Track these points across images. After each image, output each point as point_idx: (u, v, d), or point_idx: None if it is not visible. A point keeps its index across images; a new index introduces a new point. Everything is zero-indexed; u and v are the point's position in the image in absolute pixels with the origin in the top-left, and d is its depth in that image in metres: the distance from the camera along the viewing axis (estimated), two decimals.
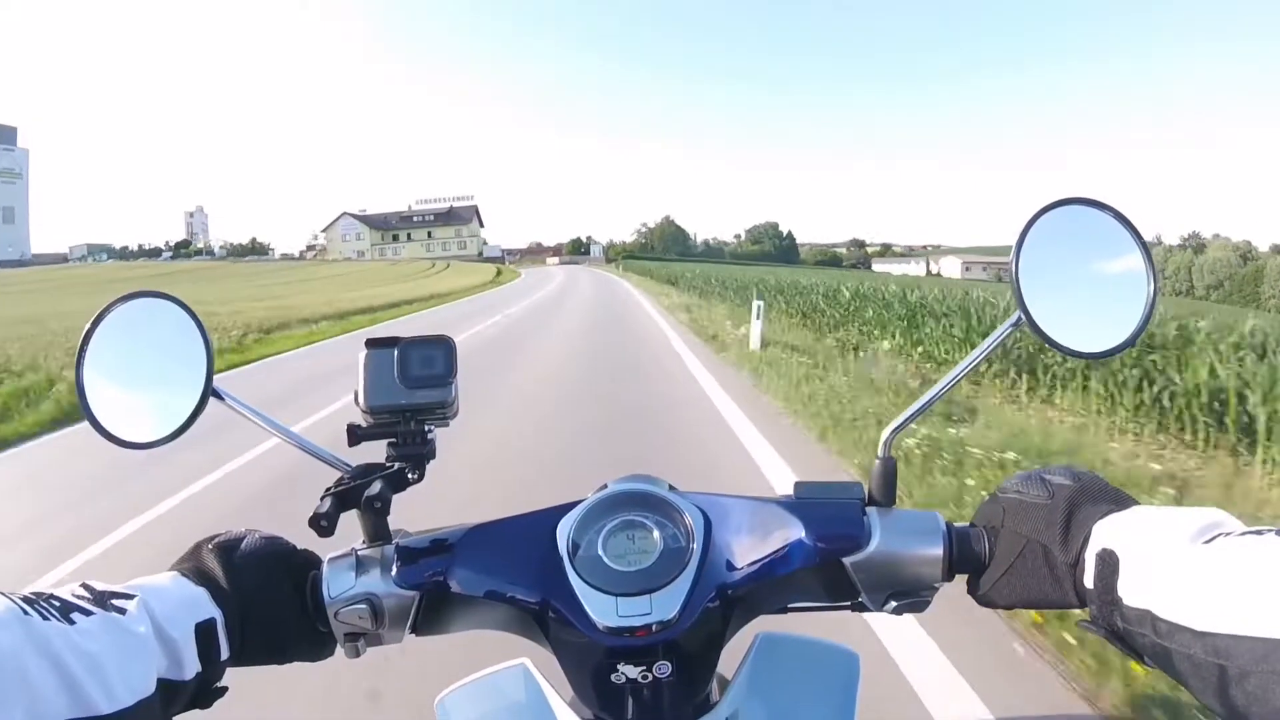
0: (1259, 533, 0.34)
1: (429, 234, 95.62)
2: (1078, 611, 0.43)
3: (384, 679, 1.70)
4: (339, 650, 0.48)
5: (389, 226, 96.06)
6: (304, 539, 0.48)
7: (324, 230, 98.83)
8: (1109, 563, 0.39)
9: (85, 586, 0.39)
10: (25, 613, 0.34)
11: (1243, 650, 0.31)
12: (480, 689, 0.54)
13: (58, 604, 0.36)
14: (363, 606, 0.46)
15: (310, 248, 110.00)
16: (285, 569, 0.47)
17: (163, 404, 0.50)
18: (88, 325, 0.49)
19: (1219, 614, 0.32)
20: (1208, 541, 0.35)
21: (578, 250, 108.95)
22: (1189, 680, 0.34)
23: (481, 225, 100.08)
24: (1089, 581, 0.40)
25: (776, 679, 0.51)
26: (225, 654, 0.43)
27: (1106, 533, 0.40)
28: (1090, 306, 0.47)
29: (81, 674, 0.34)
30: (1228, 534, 0.35)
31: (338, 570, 0.48)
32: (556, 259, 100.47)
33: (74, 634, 0.35)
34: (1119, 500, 0.42)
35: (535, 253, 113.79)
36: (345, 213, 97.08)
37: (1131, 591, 0.37)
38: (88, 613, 0.37)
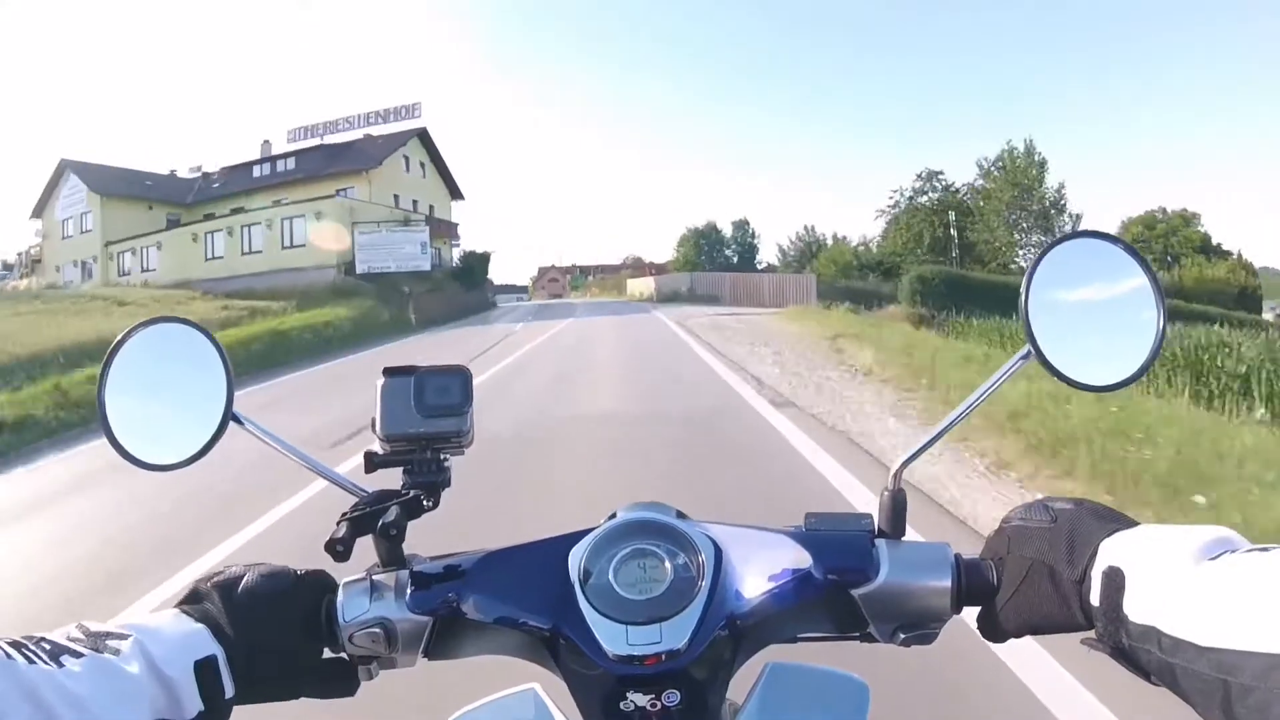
0: (1265, 549, 0.37)
1: (276, 202, 25.60)
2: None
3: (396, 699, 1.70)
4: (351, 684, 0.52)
5: (182, 198, 27.36)
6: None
7: (34, 215, 31.42)
8: (1115, 580, 0.41)
9: (80, 628, 0.43)
10: (9, 656, 0.37)
11: (1247, 666, 0.33)
12: (490, 713, 0.59)
13: (48, 647, 0.39)
14: (376, 630, 0.51)
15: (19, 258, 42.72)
16: (291, 598, 0.51)
17: (183, 427, 0.55)
18: (109, 350, 0.55)
19: (1223, 630, 0.35)
20: (1213, 559, 0.38)
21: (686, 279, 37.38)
22: (1193, 697, 0.37)
23: (454, 195, 29.94)
24: (1095, 599, 0.43)
25: (786, 708, 0.55)
26: (230, 692, 0.46)
27: (1112, 550, 0.43)
28: (1100, 339, 0.52)
29: (67, 718, 0.36)
30: (1234, 551, 0.38)
31: (353, 594, 0.53)
32: (650, 280, 44.54)
33: (61, 677, 0.38)
34: (1123, 522, 0.46)
35: (632, 270, 60.18)
36: (65, 162, 29.15)
37: (1137, 608, 0.40)
38: (78, 655, 0.40)
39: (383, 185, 33.68)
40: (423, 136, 37.51)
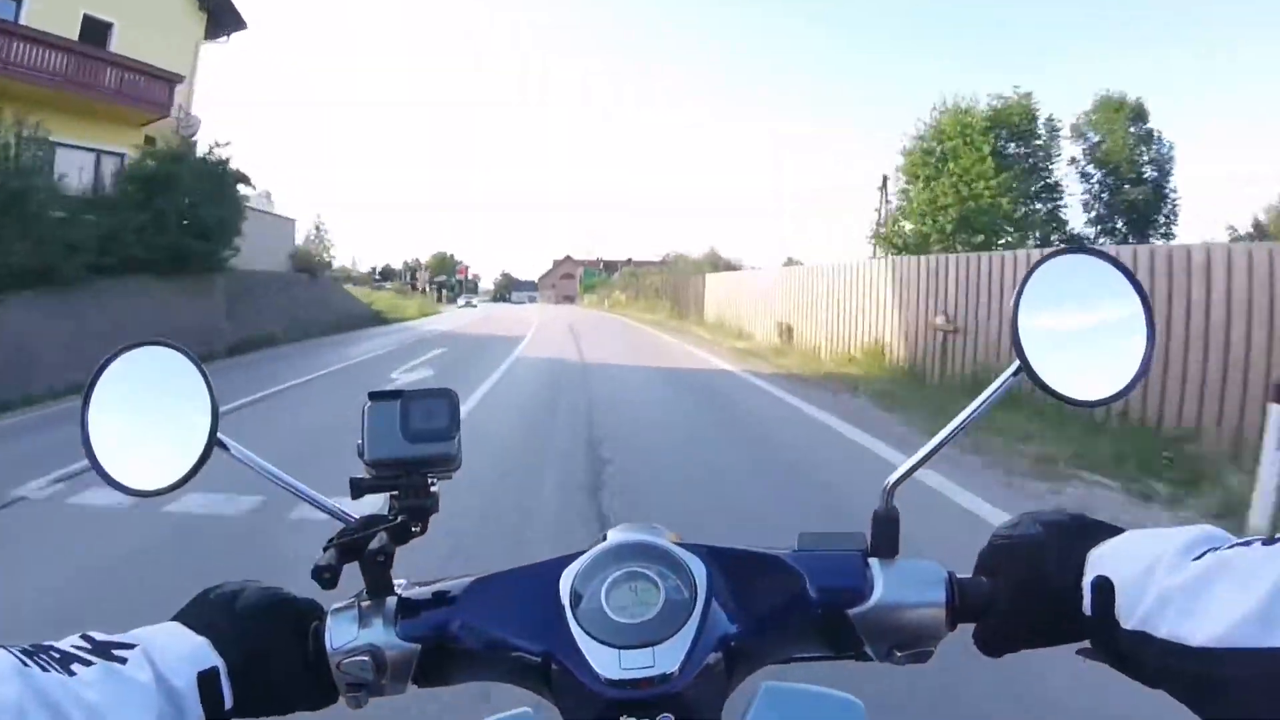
0: (1247, 543, 0.38)
1: None
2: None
3: None
4: (341, 701, 0.55)
5: None
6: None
7: None
8: (1104, 590, 0.43)
9: (86, 638, 0.44)
10: (25, 664, 0.39)
11: (1235, 662, 0.35)
12: None
13: (58, 655, 0.41)
14: (365, 658, 0.51)
15: None
16: (286, 619, 0.53)
17: (167, 452, 0.56)
18: (93, 372, 0.56)
19: (1211, 628, 0.36)
20: (1197, 558, 0.40)
21: None
22: (1188, 697, 0.39)
23: (220, 25, 7.04)
24: (1087, 610, 0.45)
25: None
26: (229, 704, 0.48)
27: (1099, 560, 0.45)
28: (1089, 356, 0.53)
29: None
30: (1216, 549, 0.39)
31: (340, 621, 0.54)
32: None
33: (74, 684, 0.39)
34: (1108, 530, 0.49)
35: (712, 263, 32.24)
36: None
37: (1128, 615, 0.42)
38: (88, 663, 0.41)
39: None
40: None
